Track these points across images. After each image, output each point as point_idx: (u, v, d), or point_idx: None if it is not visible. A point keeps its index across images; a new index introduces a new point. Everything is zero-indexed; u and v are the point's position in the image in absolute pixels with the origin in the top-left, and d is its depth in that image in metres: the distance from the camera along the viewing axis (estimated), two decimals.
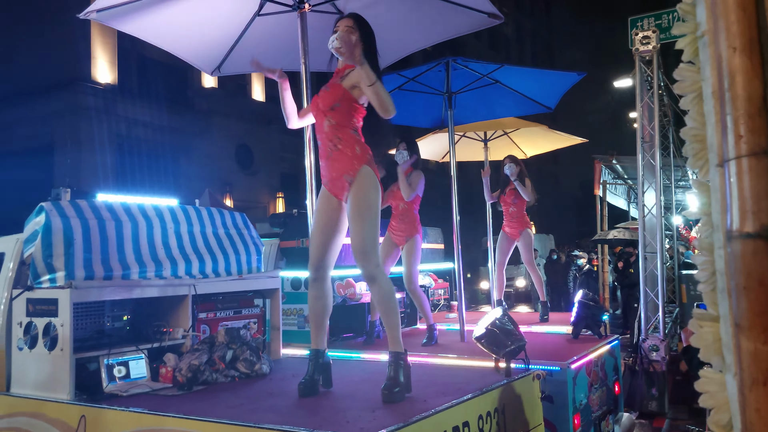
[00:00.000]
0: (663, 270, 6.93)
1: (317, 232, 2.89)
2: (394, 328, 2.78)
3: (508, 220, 6.03)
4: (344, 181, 2.77)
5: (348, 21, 2.84)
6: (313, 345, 2.96)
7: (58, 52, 15.17)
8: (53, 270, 3.07)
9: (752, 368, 0.66)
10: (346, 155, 2.76)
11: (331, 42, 2.78)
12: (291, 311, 5.01)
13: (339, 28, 2.80)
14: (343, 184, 2.78)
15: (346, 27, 2.79)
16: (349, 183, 2.76)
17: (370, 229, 2.74)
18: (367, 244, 2.73)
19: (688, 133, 0.78)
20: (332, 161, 2.78)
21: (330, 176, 2.81)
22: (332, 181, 2.81)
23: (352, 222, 2.77)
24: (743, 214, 0.68)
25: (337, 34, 2.76)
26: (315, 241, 2.89)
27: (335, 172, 2.78)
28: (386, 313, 2.79)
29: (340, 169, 2.77)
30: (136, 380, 3.09)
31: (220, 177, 18.29)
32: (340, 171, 2.77)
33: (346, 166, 2.76)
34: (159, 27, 3.78)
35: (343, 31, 2.76)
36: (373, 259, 2.74)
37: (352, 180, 2.76)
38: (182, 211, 3.80)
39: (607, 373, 4.70)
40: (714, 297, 0.75)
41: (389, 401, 2.61)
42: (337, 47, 2.76)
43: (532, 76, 5.80)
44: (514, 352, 3.25)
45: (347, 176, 2.76)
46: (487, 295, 16.02)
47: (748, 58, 0.68)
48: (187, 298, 3.47)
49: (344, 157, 2.76)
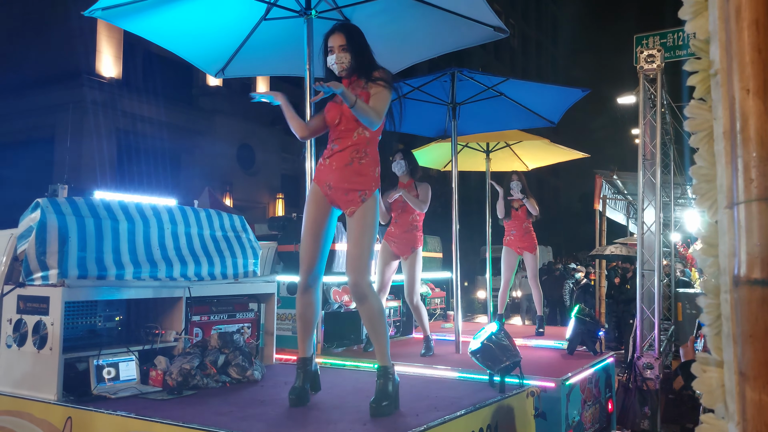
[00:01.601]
0: (660, 288, 6.91)
1: (311, 239, 2.86)
2: (383, 344, 2.78)
3: (521, 236, 5.99)
4: (357, 196, 2.75)
5: (340, 39, 2.83)
6: (301, 353, 2.93)
7: (63, 44, 15.16)
8: (46, 267, 3.04)
9: (756, 420, 0.64)
10: (369, 173, 2.77)
11: (331, 64, 2.84)
12: (286, 316, 4.98)
13: (334, 50, 2.83)
14: (353, 198, 2.76)
15: (340, 47, 2.82)
16: (362, 200, 2.76)
17: (368, 249, 2.76)
18: (364, 263, 2.75)
19: (698, 172, 0.76)
20: (350, 172, 2.75)
21: (340, 185, 2.76)
22: (340, 191, 2.77)
23: (354, 239, 2.77)
24: (752, 260, 0.66)
25: (335, 57, 2.81)
26: (309, 248, 2.86)
27: (349, 184, 2.75)
28: (375, 330, 2.79)
29: (358, 183, 2.75)
30: (126, 382, 3.06)
31: (220, 176, 18.27)
32: (356, 185, 2.75)
33: (365, 183, 2.76)
34: (164, 27, 3.77)
35: (339, 53, 2.81)
36: (366, 278, 2.76)
37: (366, 199, 2.76)
38: (180, 211, 3.78)
39: (601, 391, 4.67)
40: (718, 342, 0.73)
41: (377, 415, 2.59)
42: (340, 70, 2.83)
43: (536, 90, 5.80)
44: (508, 368, 3.22)
45: (363, 193, 2.75)
46: (483, 304, 16.00)
47: (761, 100, 0.66)
48: (181, 300, 3.44)
49: (366, 173, 2.76)
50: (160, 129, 16.18)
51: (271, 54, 4.05)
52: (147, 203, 3.73)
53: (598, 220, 11.12)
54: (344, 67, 2.82)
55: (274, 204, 20.59)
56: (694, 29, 0.77)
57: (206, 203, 7.96)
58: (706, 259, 0.75)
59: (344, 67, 2.82)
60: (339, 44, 2.83)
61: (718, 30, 0.71)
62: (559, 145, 7.42)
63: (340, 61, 2.81)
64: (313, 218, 2.85)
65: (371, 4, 3.66)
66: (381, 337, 2.78)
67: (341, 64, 2.81)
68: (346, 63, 2.82)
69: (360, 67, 2.84)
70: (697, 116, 0.77)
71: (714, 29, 0.73)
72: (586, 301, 11.05)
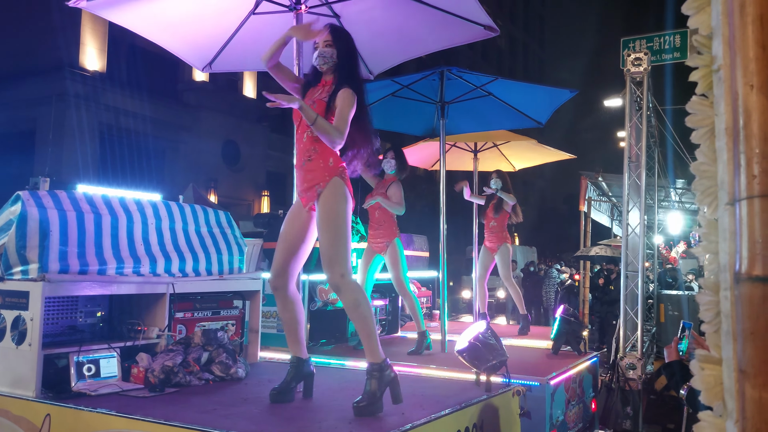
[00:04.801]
0: (643, 289, 6.98)
1: (281, 239, 2.90)
2: (368, 338, 2.71)
3: (488, 234, 6.07)
4: (314, 191, 2.78)
5: (325, 36, 2.85)
6: (293, 353, 2.92)
7: (46, 36, 14.90)
8: (26, 262, 2.98)
9: (756, 418, 0.63)
10: (319, 166, 2.78)
11: (314, 59, 2.86)
12: (271, 314, 4.94)
13: (318, 45, 2.85)
14: (313, 195, 2.78)
15: (325, 42, 2.84)
16: (318, 193, 2.77)
17: (335, 239, 2.72)
18: (332, 253, 2.71)
19: (698, 168, 0.76)
20: (305, 171, 2.80)
21: (302, 186, 2.83)
22: (304, 192, 2.82)
23: (319, 231, 2.78)
24: (753, 257, 0.65)
25: (318, 52, 2.83)
26: (278, 247, 2.90)
27: (307, 183, 2.80)
28: (357, 321, 2.75)
29: (312, 179, 2.78)
30: (107, 379, 3.01)
31: (205, 172, 18.10)
32: (311, 182, 2.78)
33: (318, 176, 2.78)
34: (151, 19, 3.71)
35: (323, 47, 2.83)
36: (337, 269, 2.70)
37: (322, 191, 2.77)
38: (165, 206, 3.73)
39: (585, 390, 4.71)
40: (717, 339, 0.72)
41: (360, 415, 2.56)
42: (320, 65, 2.85)
43: (525, 90, 5.82)
44: (495, 366, 3.22)
45: (318, 187, 2.77)
46: (468, 304, 16.05)
47: (765, 96, 0.66)
48: (164, 296, 3.39)
49: (317, 168, 2.78)
50: (144, 124, 15.98)
51: (259, 49, 3.98)
52: (131, 197, 3.67)
53: (583, 222, 11.21)
54: (326, 61, 2.83)
55: (259, 201, 20.46)
56: (697, 25, 0.77)
57: (191, 199, 7.88)
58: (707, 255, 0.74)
59: (326, 62, 2.83)
60: (324, 40, 2.84)
61: (722, 25, 0.71)
62: (546, 146, 7.46)
63: (323, 56, 2.82)
64: (288, 221, 2.91)
65: (361, 0, 3.64)
66: (365, 329, 2.72)
67: (323, 58, 2.83)
68: (328, 58, 2.82)
69: (342, 70, 2.84)
70: (699, 112, 0.76)
71: (717, 25, 0.72)
72: (571, 301, 11.14)
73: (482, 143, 7.07)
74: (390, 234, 4.70)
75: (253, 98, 20.03)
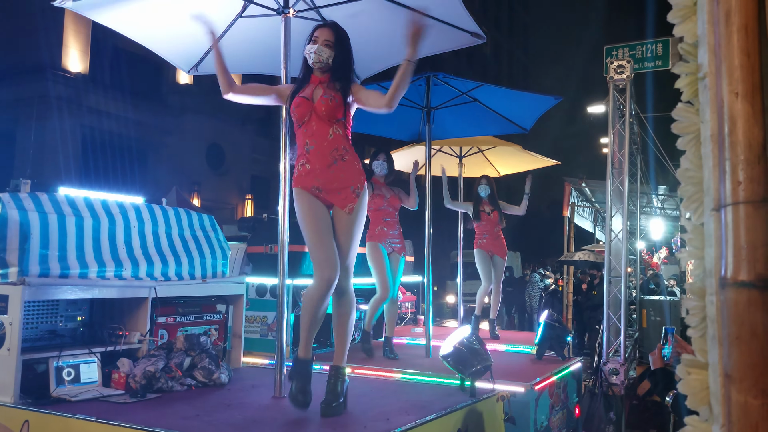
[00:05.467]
0: (626, 294, 7.05)
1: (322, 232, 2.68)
2: (347, 343, 2.80)
3: (492, 239, 6.03)
4: (351, 192, 2.73)
5: (328, 34, 2.82)
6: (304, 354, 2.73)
7: (28, 37, 14.70)
8: (6, 265, 2.92)
9: (742, 422, 0.64)
10: (354, 168, 2.76)
11: (309, 52, 2.81)
12: (254, 318, 4.90)
13: (318, 41, 2.80)
14: (348, 195, 2.73)
15: (326, 41, 2.80)
16: (356, 195, 2.74)
17: (356, 245, 2.78)
18: (351, 257, 2.76)
19: (684, 174, 0.76)
20: (337, 170, 2.72)
21: (330, 186, 2.71)
22: (333, 191, 2.72)
23: (348, 234, 2.73)
24: (738, 262, 0.66)
25: (316, 48, 2.79)
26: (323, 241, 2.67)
27: (339, 183, 2.72)
28: (347, 327, 2.79)
29: (348, 180, 2.73)
30: (87, 385, 2.96)
31: (189, 175, 17.95)
32: (347, 182, 2.73)
33: (355, 178, 2.75)
34: (137, 21, 3.67)
35: (322, 45, 2.79)
36: (350, 274, 2.78)
37: (360, 193, 2.75)
38: (148, 209, 3.69)
39: (569, 396, 4.73)
40: (703, 344, 0.73)
41: (328, 415, 2.60)
42: (313, 62, 2.80)
43: (510, 96, 5.86)
44: (480, 372, 3.23)
45: (356, 188, 2.74)
46: (452, 309, 16.07)
47: (749, 104, 0.67)
48: (146, 300, 3.35)
49: (352, 169, 2.75)
50: (127, 126, 15.81)
51: (246, 52, 3.98)
52: (113, 200, 3.62)
53: (566, 227, 11.30)
54: (320, 60, 2.79)
55: (243, 205, 20.33)
56: (683, 33, 0.78)
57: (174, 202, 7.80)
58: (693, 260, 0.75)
59: (320, 61, 2.79)
60: (325, 38, 2.80)
61: (707, 34, 0.72)
62: (531, 152, 7.51)
63: (319, 53, 2.78)
64: (314, 216, 2.72)
65: (349, 5, 3.64)
66: (348, 335, 2.79)
67: (319, 56, 2.78)
68: (324, 58, 2.79)
69: (337, 71, 2.82)
70: (685, 119, 0.77)
71: (703, 33, 0.73)
72: (554, 306, 11.21)
73: (468, 148, 7.10)
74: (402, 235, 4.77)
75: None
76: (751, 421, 0.63)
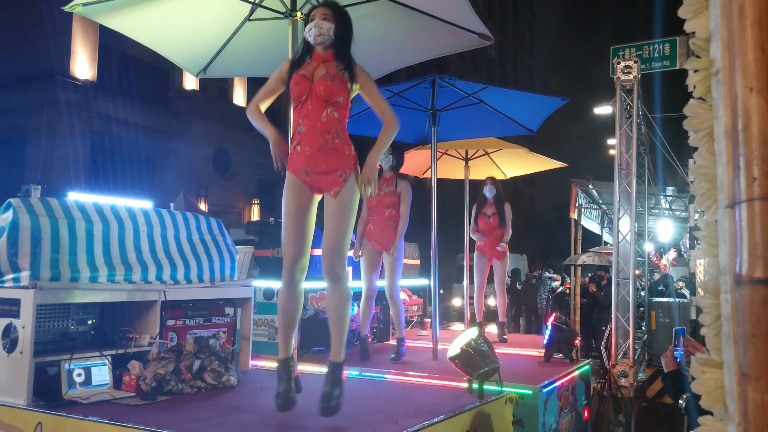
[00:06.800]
0: (635, 296, 7.01)
1: (294, 230, 2.70)
2: (343, 336, 2.69)
3: (491, 242, 6.01)
4: (338, 176, 2.66)
5: (324, 10, 2.73)
6: (282, 353, 2.77)
7: (37, 44, 14.83)
8: (18, 269, 2.94)
9: (758, 421, 0.63)
10: (345, 152, 2.69)
11: (309, 30, 2.71)
12: (262, 321, 4.91)
13: (315, 17, 2.71)
14: (335, 179, 2.66)
15: (323, 15, 2.71)
16: (343, 180, 2.66)
17: (348, 229, 2.69)
18: (343, 242, 2.67)
19: (698, 171, 0.76)
20: (326, 153, 2.65)
21: (318, 168, 2.65)
22: (320, 174, 2.66)
23: (334, 218, 2.67)
24: (753, 259, 0.66)
25: (315, 22, 2.69)
26: (293, 238, 2.70)
27: (327, 166, 2.65)
28: (341, 317, 2.69)
29: (336, 163, 2.66)
30: (98, 387, 2.98)
31: (196, 180, 18.03)
32: (335, 165, 2.65)
33: (344, 162, 2.67)
34: (146, 25, 3.70)
35: (320, 19, 2.69)
36: (343, 259, 2.68)
37: (348, 177, 2.67)
38: (156, 214, 3.71)
39: (578, 398, 4.70)
40: (718, 342, 0.72)
41: (327, 414, 2.56)
42: (315, 37, 2.70)
43: (516, 98, 5.85)
44: (487, 374, 3.22)
45: (343, 173, 2.66)
46: (459, 312, 16.03)
47: (764, 99, 0.66)
48: (156, 304, 3.37)
49: (342, 153, 2.68)
50: (135, 131, 15.92)
51: (254, 55, 4.00)
52: (122, 205, 3.64)
53: (573, 229, 11.26)
54: (322, 33, 2.68)
55: (250, 209, 20.39)
56: (694, 28, 0.77)
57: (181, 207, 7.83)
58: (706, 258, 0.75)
59: (322, 34, 2.68)
60: (323, 13, 2.72)
61: (720, 28, 0.71)
62: (537, 154, 7.49)
63: (319, 26, 2.67)
64: (294, 208, 2.71)
65: (356, 8, 3.65)
66: (344, 325, 2.68)
67: (319, 29, 2.67)
68: (325, 30, 2.68)
69: (340, 46, 2.72)
70: (697, 115, 0.77)
71: (715, 28, 0.73)
72: (562, 308, 11.15)
73: (473, 151, 7.09)
74: (395, 233, 4.66)
75: (243, 106, 19.98)
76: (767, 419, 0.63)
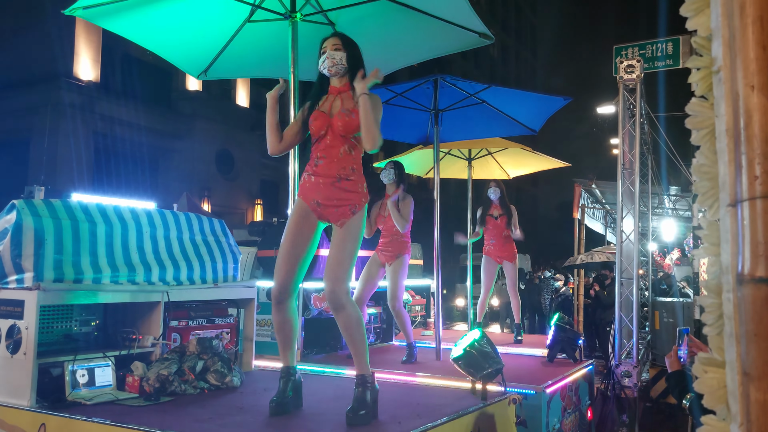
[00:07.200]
0: (638, 296, 6.99)
1: (289, 250, 2.77)
2: (362, 354, 2.72)
3: (500, 245, 5.99)
4: (348, 209, 2.73)
5: (333, 40, 2.83)
6: (284, 363, 2.87)
7: (41, 46, 14.89)
8: (21, 270, 2.95)
9: (761, 420, 0.63)
10: (358, 189, 2.76)
11: (322, 63, 2.80)
12: (265, 322, 4.91)
13: (327, 48, 2.80)
14: (344, 212, 2.73)
15: (334, 46, 2.79)
16: (352, 213, 2.74)
17: (350, 258, 2.72)
18: (345, 272, 2.70)
19: (699, 170, 0.76)
20: (339, 189, 2.72)
21: (329, 202, 2.73)
22: (330, 207, 2.73)
23: (338, 247, 2.72)
24: (756, 258, 0.65)
25: (327, 53, 2.78)
26: (287, 259, 2.77)
27: (339, 201, 2.73)
28: (352, 339, 2.72)
29: (348, 199, 2.73)
30: (101, 388, 2.98)
31: (199, 181, 18.06)
32: (346, 201, 2.73)
33: (356, 199, 2.74)
34: (146, 27, 3.71)
35: (332, 50, 2.78)
36: (344, 286, 2.71)
37: (356, 212, 2.74)
38: (159, 215, 3.71)
39: (581, 398, 4.69)
40: (720, 342, 0.72)
41: (353, 424, 2.54)
42: (329, 68, 2.78)
43: (518, 98, 5.84)
44: (491, 375, 3.21)
45: (353, 207, 2.73)
46: (462, 312, 16.02)
47: (766, 97, 0.66)
48: (159, 305, 3.37)
49: (355, 190, 2.75)
50: (138, 132, 15.96)
51: (254, 56, 4.01)
52: (125, 206, 3.65)
53: (576, 229, 11.24)
54: (335, 63, 2.76)
55: (253, 210, 20.41)
56: (696, 26, 0.77)
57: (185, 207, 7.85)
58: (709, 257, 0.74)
59: (336, 64, 2.76)
60: (333, 44, 2.80)
61: (721, 27, 0.71)
62: (540, 153, 7.48)
63: (332, 58, 2.76)
64: (296, 231, 2.77)
65: (357, 8, 3.65)
66: (359, 345, 2.72)
67: (332, 59, 2.76)
68: (338, 60, 2.76)
69: (354, 72, 2.78)
70: (699, 113, 0.77)
71: (716, 26, 0.72)
72: (565, 309, 11.13)
73: (476, 151, 7.08)
74: (402, 249, 4.72)
75: (246, 107, 20.03)
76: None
